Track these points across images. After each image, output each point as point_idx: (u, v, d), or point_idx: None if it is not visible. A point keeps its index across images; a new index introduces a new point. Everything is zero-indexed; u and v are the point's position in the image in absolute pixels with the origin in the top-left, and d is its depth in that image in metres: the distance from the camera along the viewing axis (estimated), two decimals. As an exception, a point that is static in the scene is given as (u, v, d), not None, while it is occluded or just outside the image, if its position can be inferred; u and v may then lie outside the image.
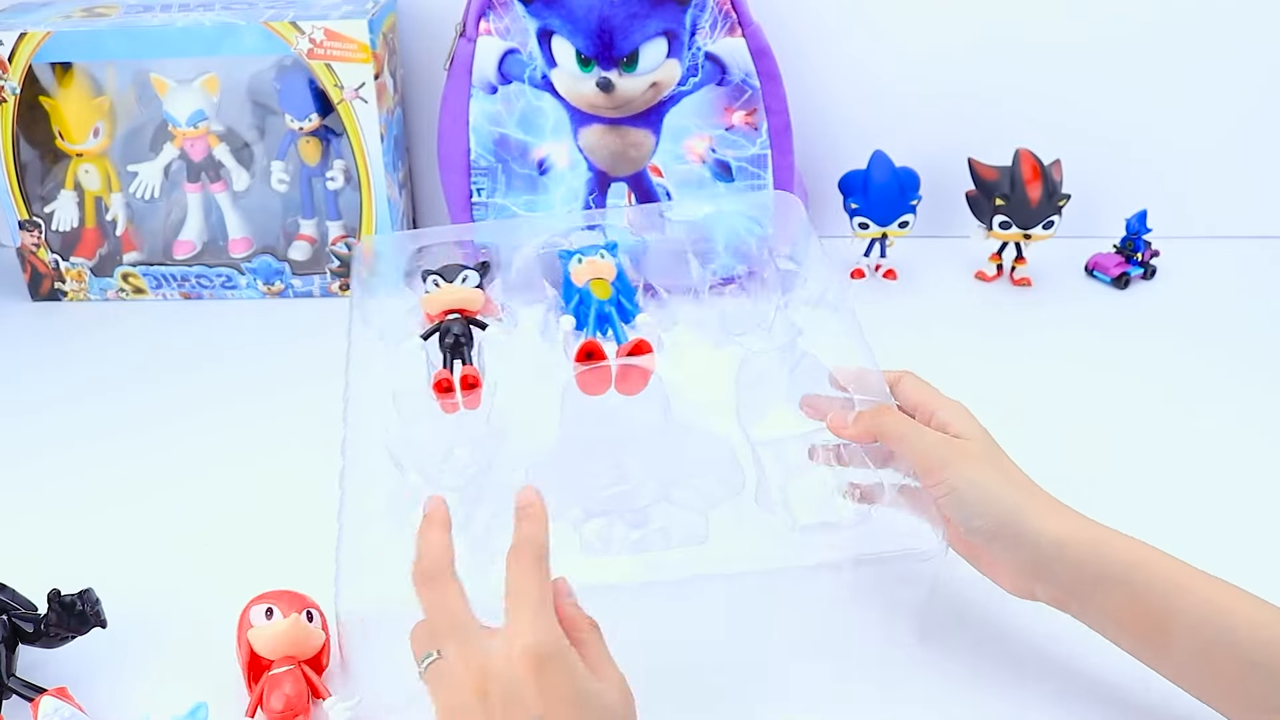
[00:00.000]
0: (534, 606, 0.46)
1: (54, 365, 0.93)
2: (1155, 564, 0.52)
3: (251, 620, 0.58)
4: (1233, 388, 0.86)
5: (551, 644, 0.44)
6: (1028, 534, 0.53)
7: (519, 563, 0.47)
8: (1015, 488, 0.55)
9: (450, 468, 0.63)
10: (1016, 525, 0.54)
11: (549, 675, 0.44)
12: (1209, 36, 1.03)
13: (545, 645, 0.44)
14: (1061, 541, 0.53)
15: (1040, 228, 0.98)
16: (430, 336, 0.66)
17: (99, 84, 0.99)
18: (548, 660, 0.44)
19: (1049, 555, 0.53)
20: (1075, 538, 0.53)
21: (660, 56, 0.91)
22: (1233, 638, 0.49)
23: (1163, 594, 0.51)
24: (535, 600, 0.46)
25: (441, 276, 0.68)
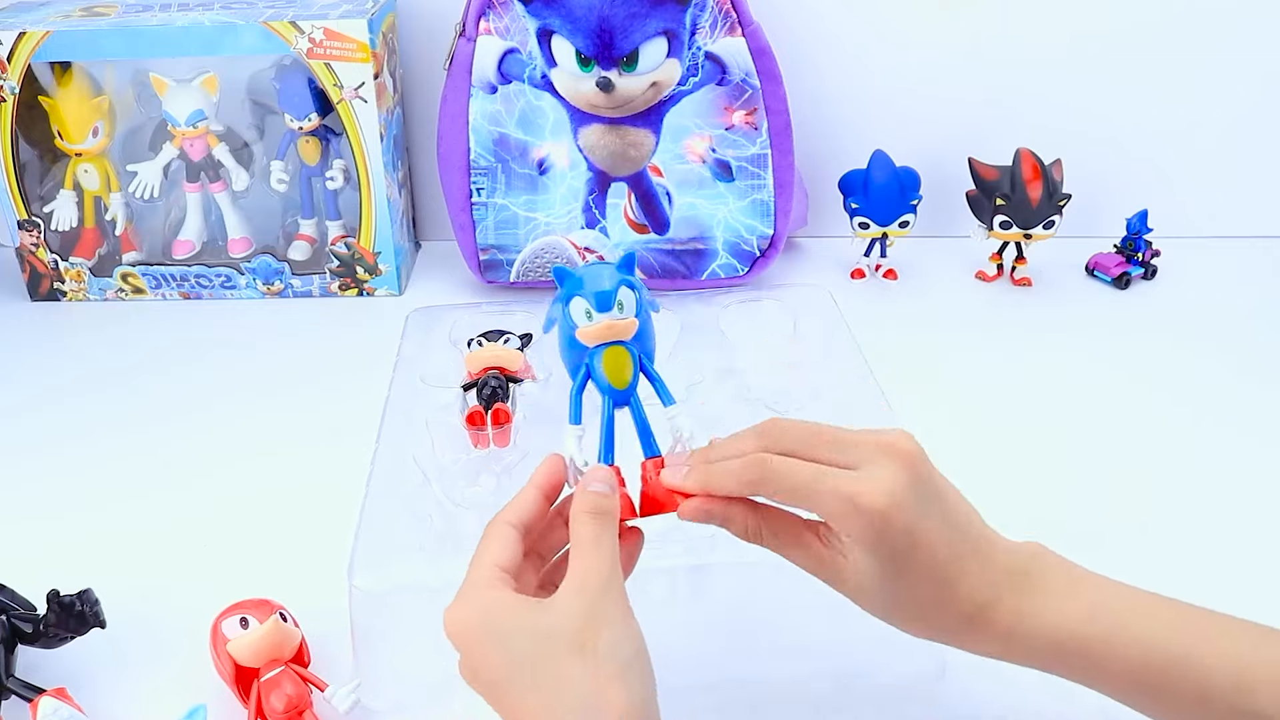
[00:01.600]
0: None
1: (53, 365, 0.93)
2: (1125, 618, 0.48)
3: (226, 634, 0.58)
4: (1233, 388, 0.86)
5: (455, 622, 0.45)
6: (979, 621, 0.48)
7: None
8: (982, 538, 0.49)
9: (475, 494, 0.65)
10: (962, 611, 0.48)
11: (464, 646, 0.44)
12: (1209, 36, 1.03)
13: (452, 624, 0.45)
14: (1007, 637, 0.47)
15: (1041, 227, 0.98)
16: (470, 389, 0.71)
17: (98, 83, 0.99)
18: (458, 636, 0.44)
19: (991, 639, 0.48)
20: (1018, 557, 0.49)
21: (660, 56, 0.91)
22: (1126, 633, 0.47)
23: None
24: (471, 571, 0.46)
25: (485, 338, 0.75)
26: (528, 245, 0.99)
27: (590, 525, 0.45)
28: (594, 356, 0.50)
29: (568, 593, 0.44)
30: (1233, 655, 0.44)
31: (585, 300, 0.49)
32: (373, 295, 1.02)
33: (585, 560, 0.45)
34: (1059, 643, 0.46)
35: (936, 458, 0.65)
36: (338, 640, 0.60)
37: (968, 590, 0.46)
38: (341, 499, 0.62)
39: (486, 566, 0.45)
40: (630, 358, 0.50)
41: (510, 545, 0.47)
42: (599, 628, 0.42)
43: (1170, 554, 0.69)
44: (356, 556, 0.56)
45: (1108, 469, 0.77)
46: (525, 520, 0.48)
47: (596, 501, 0.46)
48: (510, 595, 0.44)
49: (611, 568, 0.45)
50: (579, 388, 0.50)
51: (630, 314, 0.49)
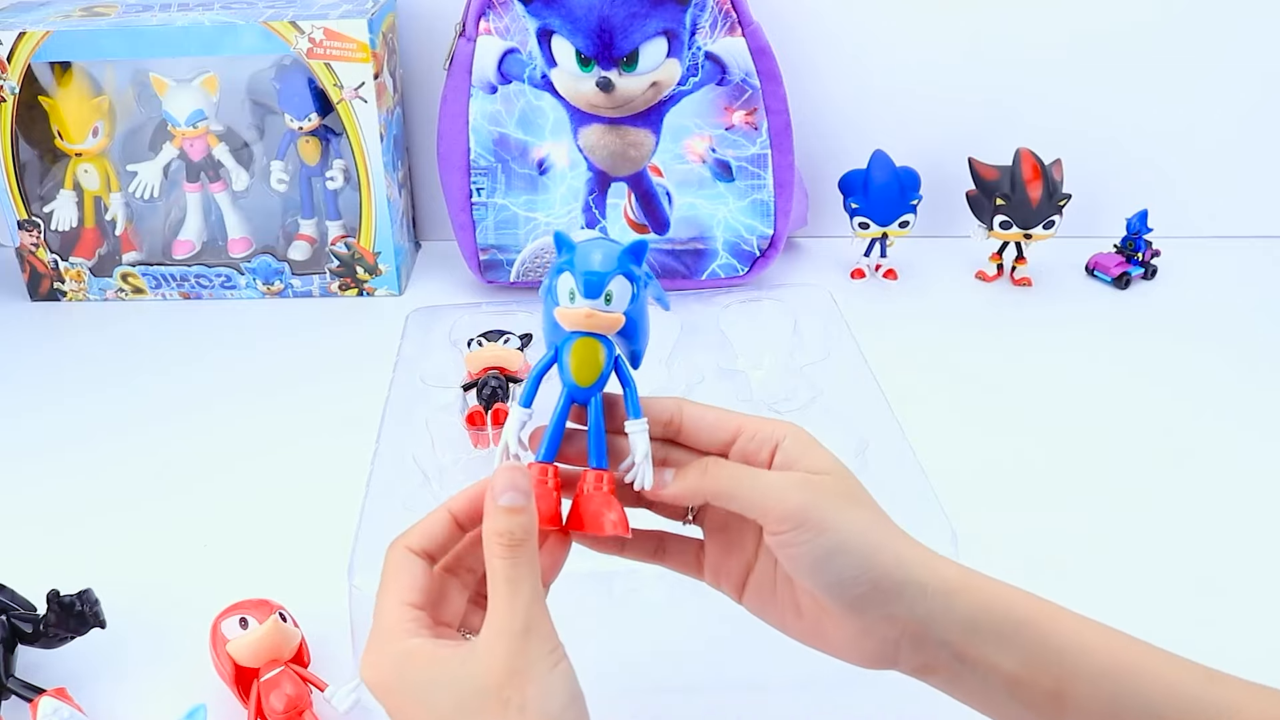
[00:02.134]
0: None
1: (53, 365, 0.93)
2: (1054, 619, 0.44)
3: (225, 634, 0.58)
4: (1233, 387, 0.86)
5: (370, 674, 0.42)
6: (910, 587, 0.43)
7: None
8: (891, 534, 0.44)
9: None
10: (898, 577, 0.43)
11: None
12: (1209, 37, 1.03)
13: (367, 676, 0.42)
14: (950, 593, 0.43)
15: (1041, 227, 0.98)
16: (470, 389, 0.71)
17: (98, 83, 0.99)
18: (375, 688, 0.41)
19: (934, 612, 0.43)
20: (966, 589, 0.44)
21: (660, 56, 0.91)
22: (1138, 700, 0.42)
23: (1059, 652, 0.43)
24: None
25: (485, 338, 0.74)
26: (528, 245, 0.99)
27: (503, 561, 0.41)
28: (565, 342, 0.45)
29: (487, 639, 0.40)
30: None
31: (573, 279, 0.44)
32: (373, 295, 1.02)
33: (501, 601, 0.40)
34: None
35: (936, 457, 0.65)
36: (338, 640, 0.60)
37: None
38: (341, 499, 0.62)
39: (395, 608, 0.42)
40: (604, 355, 0.45)
41: (417, 576, 0.43)
42: (523, 682, 0.39)
43: (1170, 554, 0.69)
44: (356, 556, 0.56)
45: (1107, 468, 0.76)
46: (430, 546, 0.44)
47: (509, 526, 0.41)
48: (426, 644, 0.41)
49: (530, 604, 0.40)
50: (540, 369, 0.46)
51: (619, 308, 0.44)
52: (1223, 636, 0.62)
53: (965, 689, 0.45)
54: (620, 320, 0.44)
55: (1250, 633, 0.63)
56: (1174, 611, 0.64)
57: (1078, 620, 0.44)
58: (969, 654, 0.43)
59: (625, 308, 0.44)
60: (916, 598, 0.43)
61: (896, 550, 0.43)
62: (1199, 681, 0.42)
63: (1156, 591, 0.66)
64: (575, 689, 0.40)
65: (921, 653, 0.44)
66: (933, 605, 0.43)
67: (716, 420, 0.46)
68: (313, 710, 0.57)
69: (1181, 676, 0.42)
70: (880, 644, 0.44)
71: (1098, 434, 0.80)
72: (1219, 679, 0.42)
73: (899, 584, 0.43)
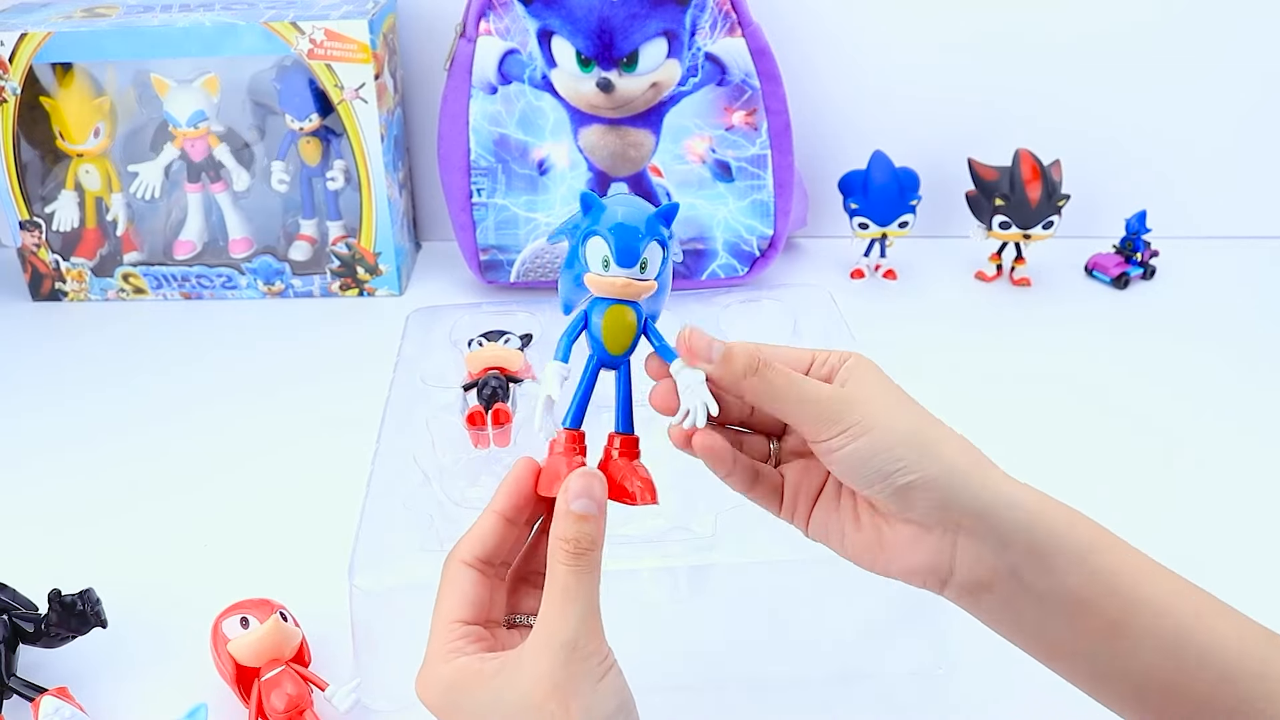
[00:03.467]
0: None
1: (54, 365, 0.93)
2: (1124, 550, 0.43)
3: (226, 633, 0.58)
4: (1232, 388, 0.86)
5: (424, 694, 0.42)
6: (965, 478, 0.42)
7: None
8: (943, 436, 0.44)
9: (475, 494, 0.65)
10: (949, 470, 0.42)
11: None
12: (1209, 37, 1.03)
13: (422, 695, 0.42)
14: (1012, 504, 0.42)
15: (1040, 228, 0.98)
16: (470, 389, 0.71)
17: (99, 84, 0.99)
18: (430, 708, 0.42)
19: (995, 510, 0.42)
20: (1029, 503, 0.42)
21: (660, 56, 0.91)
22: (1197, 642, 0.41)
23: (1128, 582, 0.42)
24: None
25: (485, 338, 0.74)
26: (528, 245, 0.99)
27: (565, 568, 0.40)
28: (595, 309, 0.43)
29: (533, 650, 0.39)
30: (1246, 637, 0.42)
31: (606, 246, 0.42)
32: (373, 295, 1.03)
33: (553, 610, 0.40)
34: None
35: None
36: (338, 640, 0.60)
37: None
38: (341, 499, 0.62)
39: (442, 627, 0.42)
40: (636, 322, 0.43)
41: (468, 590, 0.43)
42: (567, 696, 0.38)
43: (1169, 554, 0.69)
44: (356, 556, 0.56)
45: (1107, 468, 0.77)
46: (484, 554, 0.43)
47: (577, 532, 0.40)
48: (473, 663, 0.40)
49: (583, 616, 0.40)
50: (572, 332, 0.44)
51: (652, 275, 0.42)
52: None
53: (1017, 610, 0.43)
54: (654, 287, 0.43)
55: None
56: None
57: (1144, 557, 0.43)
58: (1030, 571, 0.42)
59: (657, 274, 0.43)
60: (973, 491, 0.42)
61: (946, 448, 0.43)
62: (1260, 639, 0.42)
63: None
64: (623, 698, 0.40)
65: (980, 564, 0.42)
66: (994, 501, 0.42)
67: (791, 356, 0.46)
68: (313, 710, 0.57)
69: (1244, 632, 0.42)
70: (937, 548, 0.43)
71: (1097, 434, 0.80)
72: (1278, 641, 0.42)
73: (952, 474, 0.42)
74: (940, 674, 0.60)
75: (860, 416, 0.42)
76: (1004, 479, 0.43)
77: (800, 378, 0.43)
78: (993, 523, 0.42)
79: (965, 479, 0.42)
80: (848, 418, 0.42)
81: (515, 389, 0.71)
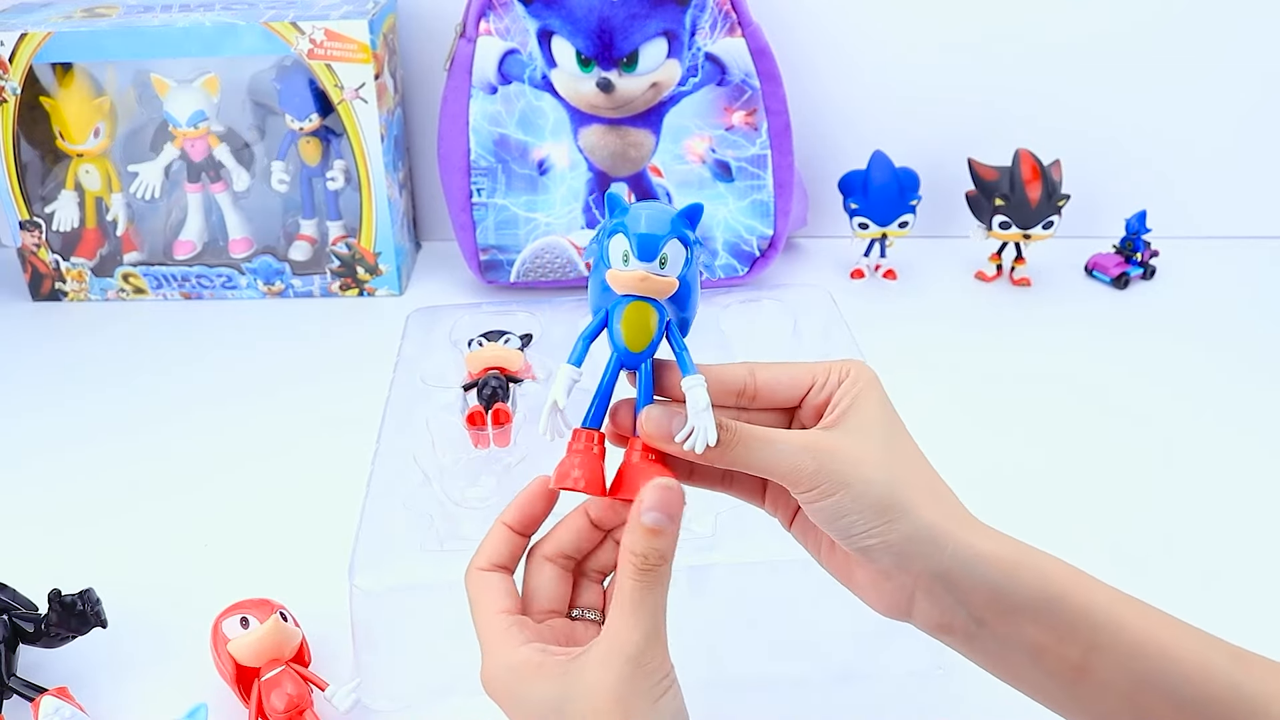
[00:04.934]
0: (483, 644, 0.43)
1: (54, 365, 0.93)
2: (1088, 591, 0.43)
3: (226, 633, 0.58)
4: (1232, 388, 0.86)
5: (488, 683, 0.42)
6: (925, 545, 0.42)
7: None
8: (914, 492, 0.43)
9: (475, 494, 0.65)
10: (911, 535, 0.42)
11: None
12: (1209, 37, 1.03)
13: (486, 685, 0.42)
14: (974, 557, 0.42)
15: (1040, 228, 0.98)
16: (470, 389, 0.71)
17: (99, 84, 0.99)
18: (493, 695, 0.42)
19: (952, 571, 0.42)
20: (992, 556, 0.43)
21: (660, 57, 0.92)
22: (1167, 677, 0.42)
23: (1090, 626, 0.42)
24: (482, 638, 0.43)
25: (485, 338, 0.74)
26: (528, 246, 0.99)
27: (634, 582, 0.40)
28: (616, 306, 0.43)
29: (597, 661, 0.40)
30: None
31: (627, 241, 0.42)
32: (373, 295, 1.03)
33: (620, 623, 0.40)
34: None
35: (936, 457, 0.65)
36: (338, 640, 0.60)
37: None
38: (341, 499, 0.62)
39: (492, 619, 0.42)
40: (656, 320, 0.43)
41: (498, 586, 0.43)
42: (629, 709, 0.39)
43: (1169, 553, 0.69)
44: (356, 556, 0.56)
45: (1107, 469, 0.77)
46: (500, 561, 0.44)
47: (647, 547, 0.40)
48: (535, 655, 0.41)
49: (650, 632, 0.40)
50: (591, 332, 0.44)
51: (673, 272, 0.42)
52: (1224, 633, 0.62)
53: (981, 651, 0.44)
54: (674, 285, 0.42)
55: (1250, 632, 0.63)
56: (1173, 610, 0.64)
57: (1111, 594, 0.44)
58: (989, 619, 0.43)
59: (679, 272, 0.42)
60: (932, 555, 0.42)
61: (915, 509, 0.43)
62: (1225, 661, 0.42)
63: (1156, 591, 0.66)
64: (679, 715, 0.41)
65: (937, 610, 0.43)
66: (952, 564, 0.42)
67: (791, 380, 0.46)
68: (313, 710, 0.57)
69: (1210, 657, 0.42)
70: (896, 594, 0.44)
71: (1097, 434, 0.80)
72: (1245, 659, 0.42)
73: (911, 541, 0.42)
74: (940, 674, 0.60)
75: (830, 474, 0.42)
76: (972, 533, 0.43)
77: (769, 439, 0.43)
78: (952, 582, 0.43)
79: (930, 542, 0.43)
80: (818, 475, 0.42)
81: (515, 389, 0.71)
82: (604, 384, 0.44)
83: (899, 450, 0.45)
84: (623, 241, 0.42)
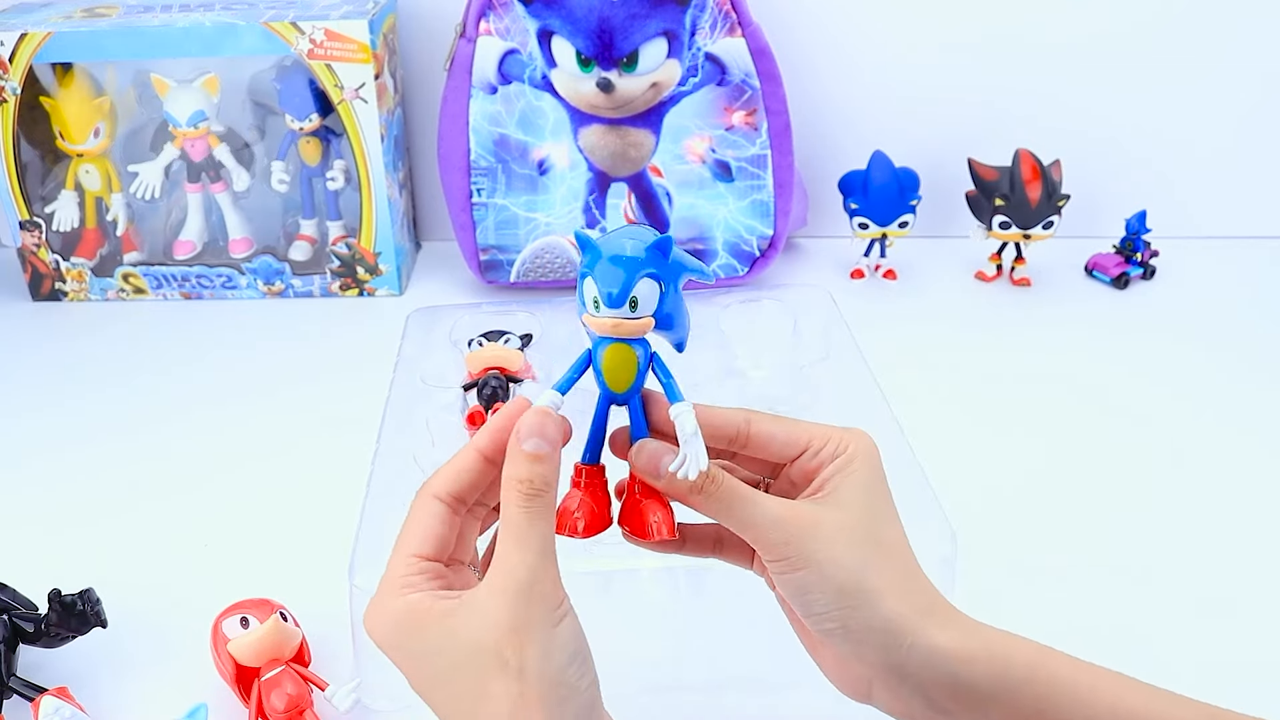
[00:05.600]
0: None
1: (54, 365, 0.93)
2: (1052, 672, 0.42)
3: (226, 633, 0.58)
4: (1232, 388, 0.86)
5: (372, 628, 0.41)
6: (885, 636, 0.42)
7: None
8: (884, 581, 0.42)
9: None
10: (871, 624, 0.42)
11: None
12: (1209, 37, 1.03)
13: (370, 630, 0.41)
14: (935, 650, 0.42)
15: (1040, 228, 0.98)
16: (471, 389, 0.71)
17: (99, 84, 0.99)
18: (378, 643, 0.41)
19: (909, 665, 0.42)
20: (955, 647, 0.42)
21: (660, 57, 0.92)
22: None
23: (1055, 704, 0.42)
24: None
25: (485, 338, 0.74)
26: (528, 245, 0.99)
27: (518, 510, 0.39)
28: (597, 347, 0.43)
29: (486, 594, 0.38)
30: None
31: (595, 286, 0.41)
32: (373, 295, 1.03)
33: (507, 554, 0.39)
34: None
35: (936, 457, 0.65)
36: (338, 640, 0.60)
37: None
38: (341, 499, 0.62)
39: (401, 560, 0.41)
40: (638, 359, 0.42)
41: (435, 526, 0.41)
42: (523, 641, 0.38)
43: (1169, 553, 0.69)
44: (356, 556, 0.56)
45: (1107, 468, 0.77)
46: (458, 490, 0.42)
47: (530, 473, 0.39)
48: (425, 599, 0.39)
49: (538, 559, 0.39)
50: (576, 370, 0.43)
51: (646, 312, 0.41)
52: (1222, 635, 0.62)
53: None
54: (648, 325, 0.42)
55: (1250, 631, 0.63)
56: (1173, 610, 0.64)
57: (1074, 668, 0.43)
58: (953, 709, 0.42)
59: (653, 310, 0.42)
60: (890, 646, 0.42)
61: (880, 597, 0.42)
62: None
63: (1156, 591, 0.66)
64: (578, 646, 0.39)
65: (895, 699, 0.43)
66: (909, 657, 0.42)
67: (786, 437, 0.45)
68: (313, 710, 0.57)
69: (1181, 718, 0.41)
70: (855, 678, 0.44)
71: (1097, 434, 0.80)
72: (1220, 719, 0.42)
73: (871, 630, 0.42)
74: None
75: (799, 548, 0.42)
76: (935, 624, 0.42)
77: (751, 498, 0.42)
78: (908, 674, 0.42)
79: (889, 634, 0.42)
80: (788, 547, 0.42)
81: (515, 389, 0.71)
82: (596, 419, 0.44)
83: (878, 534, 0.44)
84: (592, 286, 0.41)
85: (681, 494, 0.42)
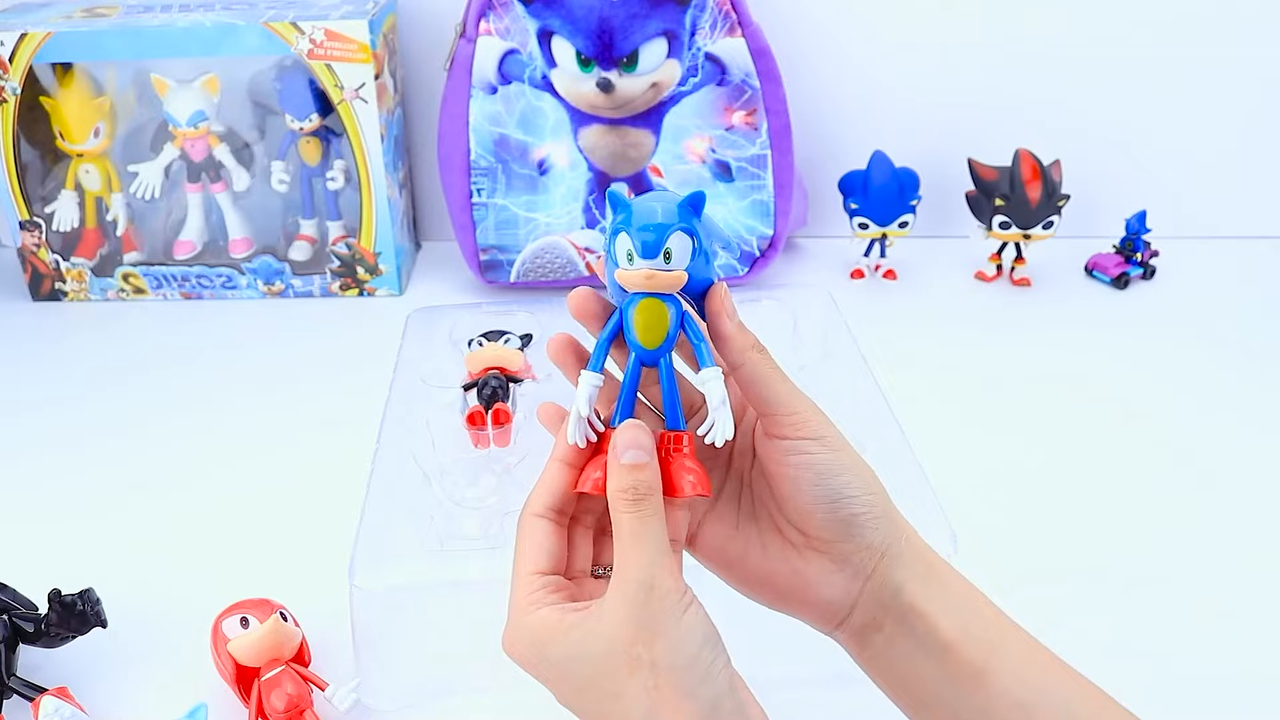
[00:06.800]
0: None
1: (54, 365, 0.93)
2: (1014, 640, 0.45)
3: (226, 633, 0.58)
4: (1232, 387, 0.86)
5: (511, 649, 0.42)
6: (894, 516, 0.45)
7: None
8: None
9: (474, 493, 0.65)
10: (886, 506, 0.45)
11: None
12: (1209, 37, 1.03)
13: (509, 651, 0.42)
14: (910, 538, 0.45)
15: (1040, 228, 0.98)
16: (471, 389, 0.71)
17: (99, 84, 0.99)
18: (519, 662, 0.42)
19: (900, 547, 0.45)
20: (922, 544, 0.46)
21: (660, 57, 0.92)
22: (1057, 697, 0.43)
23: (995, 626, 0.45)
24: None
25: (485, 338, 0.74)
26: (528, 245, 0.99)
27: (628, 515, 0.41)
28: (629, 304, 0.43)
29: (612, 598, 0.40)
30: None
31: (630, 240, 0.41)
32: (373, 295, 1.03)
33: (626, 557, 0.40)
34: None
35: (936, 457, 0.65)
36: (338, 640, 0.60)
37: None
38: (341, 499, 0.62)
39: (524, 579, 0.42)
40: (670, 315, 0.42)
41: (544, 541, 0.43)
42: (651, 636, 0.39)
43: (1169, 553, 0.69)
44: (356, 556, 0.56)
45: (1107, 468, 0.77)
46: (554, 503, 0.44)
47: (633, 481, 0.41)
48: (553, 613, 0.41)
49: (655, 557, 0.40)
50: (608, 335, 0.44)
51: (680, 265, 0.42)
52: (1222, 635, 0.62)
53: (895, 654, 0.45)
54: (683, 278, 0.42)
55: (1249, 631, 0.63)
56: (1173, 610, 0.64)
57: (1038, 648, 0.45)
58: (918, 605, 0.44)
59: (687, 264, 0.42)
60: (892, 530, 0.45)
61: (888, 497, 0.45)
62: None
63: (1156, 590, 0.66)
64: (707, 631, 0.41)
65: (879, 597, 0.45)
66: (899, 539, 0.45)
67: (788, 396, 0.46)
68: (313, 710, 0.57)
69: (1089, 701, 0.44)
70: (844, 589, 0.45)
71: (1097, 434, 0.80)
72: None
73: (882, 519, 0.44)
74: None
75: (834, 435, 0.44)
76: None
77: (785, 377, 0.44)
78: (901, 558, 0.45)
79: (897, 527, 0.45)
80: (824, 430, 0.44)
81: (515, 389, 0.71)
82: (628, 382, 0.44)
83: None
84: (626, 240, 0.42)
85: (738, 351, 0.44)
